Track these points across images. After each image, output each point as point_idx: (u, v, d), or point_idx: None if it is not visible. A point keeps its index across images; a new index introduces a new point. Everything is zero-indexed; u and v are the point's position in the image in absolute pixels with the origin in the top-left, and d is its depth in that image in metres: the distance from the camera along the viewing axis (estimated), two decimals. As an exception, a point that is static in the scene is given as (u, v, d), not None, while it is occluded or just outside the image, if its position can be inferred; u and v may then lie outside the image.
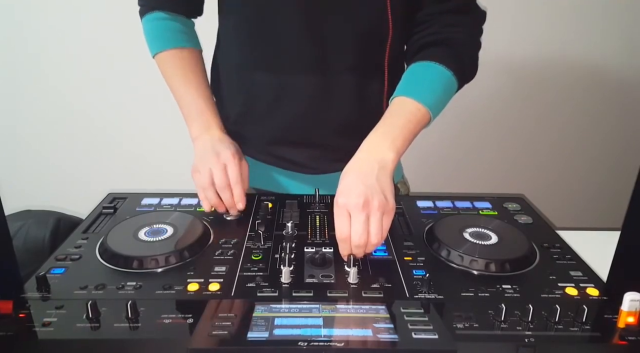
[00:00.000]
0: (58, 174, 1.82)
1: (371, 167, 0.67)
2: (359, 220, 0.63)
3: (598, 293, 0.62)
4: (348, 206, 0.64)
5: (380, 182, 0.66)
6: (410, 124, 0.72)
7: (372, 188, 0.64)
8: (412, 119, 0.72)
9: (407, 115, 0.73)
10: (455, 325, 0.55)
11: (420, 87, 0.75)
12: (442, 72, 0.76)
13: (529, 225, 0.80)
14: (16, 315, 0.55)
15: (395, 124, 0.72)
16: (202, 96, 0.85)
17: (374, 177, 0.66)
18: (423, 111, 0.73)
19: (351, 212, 0.64)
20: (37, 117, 1.75)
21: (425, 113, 0.73)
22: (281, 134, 0.87)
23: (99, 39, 1.65)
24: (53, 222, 0.82)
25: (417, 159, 1.85)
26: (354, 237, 0.63)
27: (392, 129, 0.72)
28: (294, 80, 0.82)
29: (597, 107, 1.85)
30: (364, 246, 0.64)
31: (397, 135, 0.71)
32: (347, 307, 0.58)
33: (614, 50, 1.76)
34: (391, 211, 0.65)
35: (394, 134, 0.71)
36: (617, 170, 1.93)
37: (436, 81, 0.76)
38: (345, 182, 0.67)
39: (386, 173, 0.67)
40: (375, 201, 0.63)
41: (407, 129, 0.72)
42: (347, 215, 0.64)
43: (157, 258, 0.65)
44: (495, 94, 1.80)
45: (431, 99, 0.74)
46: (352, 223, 0.64)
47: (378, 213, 0.64)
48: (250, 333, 0.53)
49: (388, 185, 0.66)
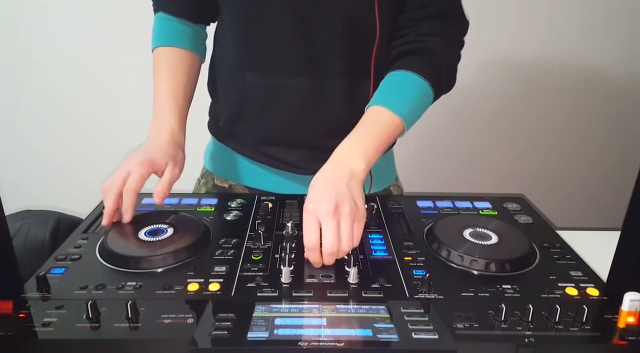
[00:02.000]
0: (58, 174, 1.82)
1: (341, 175, 0.67)
2: (330, 227, 0.62)
3: (598, 293, 0.62)
4: (318, 213, 0.63)
5: (351, 190, 0.66)
6: (384, 134, 0.73)
7: (343, 195, 0.64)
8: (386, 129, 0.73)
9: (381, 126, 0.73)
10: (455, 325, 0.55)
11: (396, 97, 0.76)
12: (419, 83, 0.77)
13: (529, 225, 0.80)
14: (16, 315, 0.55)
15: (369, 133, 0.72)
16: (170, 94, 0.84)
17: (345, 185, 0.66)
18: (397, 122, 0.74)
19: (321, 219, 0.63)
20: (37, 117, 1.75)
21: (400, 124, 0.74)
22: (272, 134, 0.88)
23: (100, 39, 1.65)
24: (53, 222, 0.81)
25: (417, 158, 1.85)
26: (325, 244, 0.62)
27: (365, 138, 0.72)
28: (285, 82, 0.82)
29: (597, 107, 1.86)
30: (336, 253, 0.63)
31: (370, 145, 0.71)
32: (347, 307, 0.58)
33: (615, 50, 1.76)
34: (362, 218, 0.65)
35: (367, 144, 0.71)
36: (617, 170, 1.93)
37: (412, 92, 0.77)
38: (316, 189, 0.67)
39: (357, 181, 0.68)
40: (346, 207, 0.63)
41: (380, 140, 0.72)
42: (316, 223, 0.63)
43: (157, 258, 0.65)
44: (496, 94, 1.80)
45: (406, 110, 0.75)
46: (323, 231, 0.63)
47: (349, 220, 0.63)
48: (250, 333, 0.53)
49: (359, 193, 0.67)
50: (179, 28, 0.87)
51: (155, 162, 0.75)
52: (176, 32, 0.87)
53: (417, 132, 1.78)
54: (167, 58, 0.86)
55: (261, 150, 0.91)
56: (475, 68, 1.71)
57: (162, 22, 0.88)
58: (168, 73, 0.85)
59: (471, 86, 1.75)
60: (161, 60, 0.86)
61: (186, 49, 0.87)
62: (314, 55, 0.80)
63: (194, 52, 0.88)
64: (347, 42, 0.80)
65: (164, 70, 0.85)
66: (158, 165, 0.76)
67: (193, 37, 0.89)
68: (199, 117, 0.98)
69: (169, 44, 0.86)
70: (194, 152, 1.06)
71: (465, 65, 0.90)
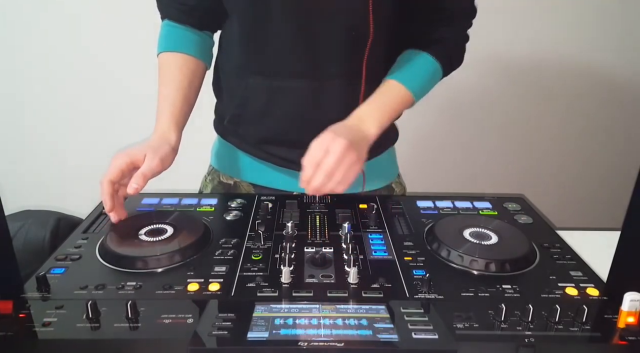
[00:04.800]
0: (58, 174, 1.82)
1: (357, 133, 0.78)
2: (336, 153, 0.71)
3: (598, 293, 0.62)
4: (333, 141, 0.72)
5: (360, 146, 0.77)
6: (395, 105, 0.84)
7: (355, 145, 0.74)
8: (398, 101, 0.84)
9: (395, 98, 0.84)
10: (455, 325, 0.55)
11: (409, 73, 0.86)
12: (431, 62, 0.86)
13: (529, 225, 0.80)
14: (16, 315, 0.55)
15: (383, 102, 0.83)
16: (169, 99, 0.85)
17: (357, 141, 0.76)
18: (409, 96, 0.85)
19: (332, 147, 0.72)
20: (37, 117, 1.75)
21: (410, 98, 0.85)
22: (273, 135, 0.90)
23: (99, 39, 1.65)
24: (53, 222, 0.82)
25: (418, 158, 1.85)
26: (327, 163, 0.71)
27: (379, 105, 0.83)
28: (286, 85, 0.84)
29: (597, 107, 1.86)
30: (328, 178, 0.71)
31: (383, 112, 0.82)
32: (347, 307, 0.58)
33: (616, 50, 1.76)
34: (357, 169, 0.74)
35: (382, 111, 0.82)
36: (617, 170, 1.93)
37: (424, 70, 0.87)
38: (337, 128, 0.77)
39: (366, 142, 0.79)
40: (353, 153, 0.73)
41: (394, 110, 0.84)
42: (325, 147, 0.72)
43: (157, 258, 0.65)
44: (496, 94, 1.80)
45: (417, 85, 0.85)
46: (330, 154, 0.71)
47: (349, 162, 0.72)
48: (250, 333, 0.53)
49: (364, 150, 0.77)
50: (184, 34, 0.89)
51: (131, 153, 0.76)
52: (181, 38, 0.88)
53: (418, 132, 1.79)
54: (169, 63, 0.87)
55: (264, 149, 0.93)
56: (476, 68, 1.71)
57: (168, 28, 0.89)
58: (169, 78, 0.86)
59: (471, 86, 1.76)
60: (164, 65, 0.88)
61: (190, 55, 0.88)
62: (314, 59, 0.82)
63: (197, 58, 0.89)
64: (346, 45, 0.82)
65: (166, 76, 0.87)
66: (135, 156, 0.76)
67: (198, 43, 0.89)
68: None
69: (172, 49, 0.87)
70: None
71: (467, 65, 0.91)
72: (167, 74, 0.87)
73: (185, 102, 0.86)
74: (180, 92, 0.86)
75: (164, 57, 0.88)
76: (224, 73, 0.93)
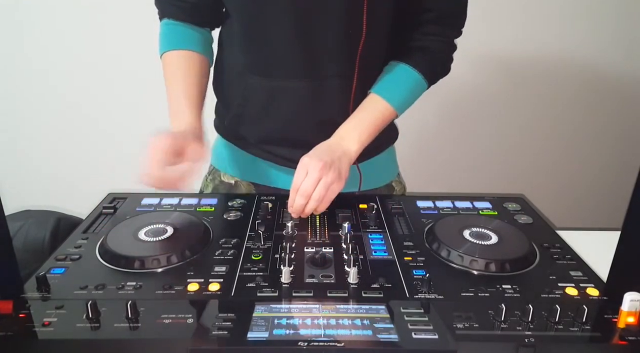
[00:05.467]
0: (58, 174, 1.82)
1: (337, 150, 0.80)
2: (312, 176, 0.75)
3: (598, 293, 0.62)
4: (309, 165, 0.75)
5: (341, 163, 0.79)
6: (378, 120, 0.85)
7: (333, 163, 0.77)
8: (380, 117, 0.85)
9: (376, 114, 0.85)
10: (455, 325, 0.55)
11: (391, 88, 0.86)
12: (414, 76, 0.86)
13: (529, 225, 0.80)
14: (16, 315, 0.55)
15: (364, 119, 0.85)
16: (185, 93, 0.84)
17: (338, 158, 0.79)
18: (391, 110, 0.86)
19: (309, 170, 0.75)
20: (37, 117, 1.75)
21: (392, 112, 0.86)
22: (273, 134, 0.90)
23: (98, 39, 1.65)
24: (53, 222, 0.81)
25: (417, 158, 1.85)
26: (302, 187, 0.74)
27: (361, 122, 0.84)
28: (285, 85, 0.85)
29: (598, 108, 1.85)
30: (307, 198, 0.74)
31: (364, 129, 0.83)
32: (347, 307, 0.58)
33: (617, 50, 1.76)
34: (338, 187, 0.77)
35: (361, 128, 0.83)
36: (617, 170, 1.93)
37: (407, 84, 0.87)
38: (316, 151, 0.80)
39: (347, 159, 0.81)
40: (332, 172, 0.75)
41: (374, 125, 0.84)
42: (305, 172, 0.76)
43: (157, 258, 0.65)
44: (496, 94, 1.80)
45: (399, 100, 0.86)
46: (306, 178, 0.75)
47: (328, 181, 0.75)
48: (250, 333, 0.53)
49: (345, 168, 0.79)
50: (186, 32, 0.88)
51: (175, 136, 0.74)
52: (183, 35, 0.88)
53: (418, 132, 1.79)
54: (176, 61, 0.86)
55: (264, 148, 0.93)
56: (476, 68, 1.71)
57: (168, 27, 0.89)
58: (180, 75, 0.85)
59: (472, 86, 1.75)
60: (171, 63, 0.87)
61: (195, 51, 0.87)
62: (312, 59, 0.82)
63: (202, 54, 0.88)
64: (342, 45, 0.82)
65: (175, 73, 0.86)
66: (178, 138, 0.74)
67: (200, 40, 0.89)
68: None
69: (177, 47, 0.87)
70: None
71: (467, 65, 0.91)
72: (176, 71, 0.85)
73: (201, 97, 0.86)
74: (195, 88, 0.85)
75: (169, 56, 0.87)
76: (223, 73, 0.93)
